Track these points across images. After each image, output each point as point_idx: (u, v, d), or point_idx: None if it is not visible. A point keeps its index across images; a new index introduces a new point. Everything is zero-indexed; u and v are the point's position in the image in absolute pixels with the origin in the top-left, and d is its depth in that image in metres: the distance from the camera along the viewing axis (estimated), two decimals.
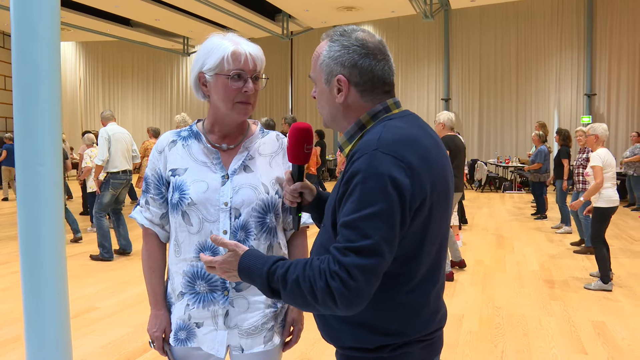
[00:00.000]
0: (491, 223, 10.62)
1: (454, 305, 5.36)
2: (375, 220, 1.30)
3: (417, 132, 1.46)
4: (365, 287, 1.30)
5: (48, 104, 1.36)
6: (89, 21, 19.40)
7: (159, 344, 1.92)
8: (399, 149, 1.36)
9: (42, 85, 1.35)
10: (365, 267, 1.29)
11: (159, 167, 1.89)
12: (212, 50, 1.77)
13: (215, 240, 1.55)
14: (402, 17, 19.99)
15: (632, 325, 4.84)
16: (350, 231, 1.32)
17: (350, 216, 1.33)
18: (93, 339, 4.52)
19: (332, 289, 1.30)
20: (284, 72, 23.23)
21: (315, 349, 4.26)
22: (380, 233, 1.30)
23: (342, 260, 1.30)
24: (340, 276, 1.29)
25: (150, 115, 25.40)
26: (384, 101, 1.53)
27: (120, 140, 7.61)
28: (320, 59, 1.54)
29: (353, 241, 1.31)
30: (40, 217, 1.38)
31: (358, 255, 1.29)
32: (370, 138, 1.41)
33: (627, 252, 7.93)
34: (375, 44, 1.51)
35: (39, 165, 1.37)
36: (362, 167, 1.34)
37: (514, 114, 18.85)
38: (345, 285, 1.29)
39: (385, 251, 1.31)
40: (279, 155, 1.94)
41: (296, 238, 2.03)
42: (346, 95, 1.50)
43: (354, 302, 1.30)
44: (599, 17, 17.46)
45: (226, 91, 1.77)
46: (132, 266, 7.09)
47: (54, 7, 1.37)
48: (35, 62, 1.34)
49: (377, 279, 1.33)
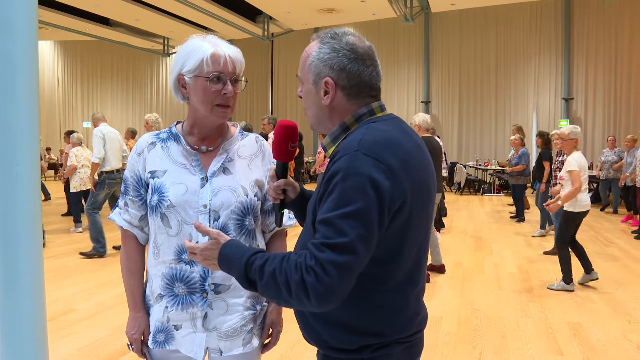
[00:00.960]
0: (470, 225, 10.70)
1: (433, 307, 5.39)
2: (352, 218, 1.31)
3: (399, 135, 1.47)
4: (339, 284, 1.30)
5: (25, 103, 1.35)
6: (68, 20, 19.20)
7: (137, 346, 1.91)
8: (379, 151, 1.37)
9: (19, 84, 1.34)
10: (340, 264, 1.30)
11: (138, 168, 1.88)
12: (191, 52, 1.77)
13: (199, 228, 1.55)
14: (382, 20, 20.09)
15: (607, 327, 4.91)
16: (327, 228, 1.33)
17: (328, 214, 1.34)
18: (71, 341, 4.47)
19: (307, 284, 1.30)
20: (265, 73, 23.21)
21: (294, 350, 4.25)
22: (356, 231, 1.31)
23: (318, 255, 1.31)
24: (315, 271, 1.30)
25: (130, 115, 25.21)
26: (369, 104, 1.54)
27: (114, 139, 7.74)
28: (309, 60, 1.54)
29: (329, 238, 1.32)
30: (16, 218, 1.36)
31: (333, 252, 1.30)
32: (352, 139, 1.42)
33: (602, 255, 8.04)
34: (365, 49, 1.52)
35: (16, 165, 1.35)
36: (343, 167, 1.36)
37: (493, 117, 19.04)
38: (319, 280, 1.29)
39: (360, 250, 1.32)
40: (258, 157, 1.94)
41: (275, 240, 2.04)
42: (332, 98, 1.51)
43: (326, 298, 1.30)
44: (576, 22, 17.71)
45: (205, 93, 1.77)
46: (110, 268, 7.03)
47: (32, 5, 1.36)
48: (12, 60, 1.33)
49: (351, 276, 1.33)
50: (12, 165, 1.34)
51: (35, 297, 1.44)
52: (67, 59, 25.89)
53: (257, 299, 1.93)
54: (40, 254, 1.43)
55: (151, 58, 24.83)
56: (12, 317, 1.41)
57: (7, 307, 1.41)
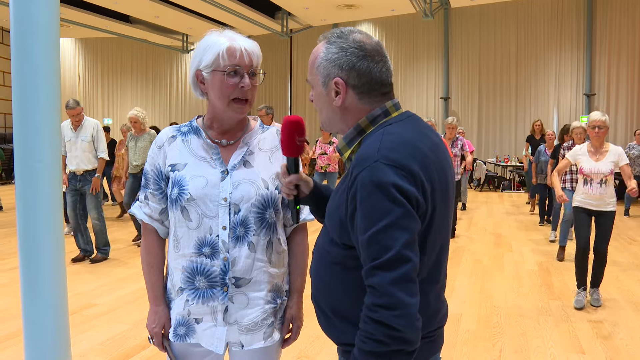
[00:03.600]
0: (489, 222, 10.63)
1: (452, 304, 5.36)
2: (391, 230, 1.30)
3: (416, 136, 1.45)
4: (407, 297, 1.28)
5: (47, 100, 1.36)
6: (89, 18, 19.35)
7: (158, 339, 1.92)
8: (399, 158, 1.36)
9: (41, 82, 1.35)
10: (396, 279, 1.28)
11: (158, 162, 1.89)
12: (208, 47, 1.78)
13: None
14: (401, 16, 19.96)
15: (630, 325, 4.85)
16: (370, 248, 1.31)
17: (365, 234, 1.32)
18: (91, 335, 4.51)
19: (383, 321, 1.27)
20: (283, 70, 23.19)
21: (314, 346, 4.26)
22: (400, 241, 1.30)
23: (372, 283, 1.30)
24: (379, 304, 1.28)
25: (149, 111, 25.33)
26: (383, 104, 1.52)
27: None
28: (317, 62, 1.53)
29: (376, 258, 1.30)
30: (38, 214, 1.37)
31: (385, 270, 1.29)
32: (371, 148, 1.40)
33: (625, 253, 7.93)
34: (373, 46, 1.50)
35: (38, 162, 1.36)
36: (367, 181, 1.34)
37: (513, 114, 18.84)
38: (389, 307, 1.27)
39: (410, 255, 1.30)
40: (279, 150, 1.93)
41: (296, 234, 2.03)
42: (344, 98, 1.50)
43: (408, 316, 1.28)
44: (598, 16, 17.45)
45: (222, 87, 1.77)
46: (130, 262, 7.09)
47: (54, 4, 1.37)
48: (34, 58, 1.34)
49: (414, 283, 1.31)
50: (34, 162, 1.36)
51: (57, 291, 1.45)
52: (88, 56, 26.11)
53: (277, 293, 1.93)
54: (62, 248, 1.44)
55: (170, 55, 24.94)
56: (34, 311, 1.43)
57: (29, 301, 1.43)
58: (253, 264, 1.84)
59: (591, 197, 5.29)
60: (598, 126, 5.21)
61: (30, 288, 1.42)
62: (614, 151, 5.29)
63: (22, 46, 1.33)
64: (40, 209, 1.38)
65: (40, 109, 1.35)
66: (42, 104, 1.35)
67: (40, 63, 1.34)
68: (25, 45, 1.33)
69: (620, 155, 5.26)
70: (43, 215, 1.38)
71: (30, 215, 1.38)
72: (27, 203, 1.37)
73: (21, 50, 1.33)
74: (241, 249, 1.82)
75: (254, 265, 1.85)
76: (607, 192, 5.24)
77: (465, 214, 11.71)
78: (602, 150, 5.31)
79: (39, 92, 1.35)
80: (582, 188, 5.36)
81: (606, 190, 5.24)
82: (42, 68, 1.35)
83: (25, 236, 1.39)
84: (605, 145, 5.36)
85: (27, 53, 1.33)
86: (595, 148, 5.32)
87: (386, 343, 1.27)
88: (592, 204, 5.32)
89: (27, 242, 1.39)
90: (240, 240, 1.82)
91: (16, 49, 1.34)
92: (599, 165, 5.24)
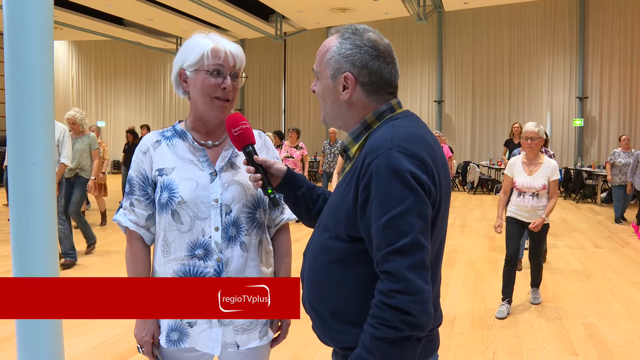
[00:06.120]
0: (483, 225, 10.64)
1: (446, 307, 5.37)
2: (407, 215, 1.31)
3: (422, 131, 1.48)
4: (422, 283, 1.30)
5: (40, 102, 1.35)
6: (82, 20, 19.32)
7: (148, 348, 1.90)
8: (411, 147, 1.38)
9: (35, 84, 1.34)
10: (413, 265, 1.29)
11: (144, 167, 1.88)
12: (193, 47, 1.81)
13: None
14: (395, 19, 20.01)
15: (623, 327, 4.87)
16: (386, 233, 1.32)
17: (382, 219, 1.33)
18: (85, 339, 4.49)
19: (401, 307, 1.28)
20: (277, 72, 23.20)
21: (307, 349, 4.25)
22: (416, 227, 1.31)
23: (388, 268, 1.30)
24: (395, 289, 1.29)
25: (143, 114, 25.31)
26: (389, 101, 1.55)
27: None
28: (328, 54, 1.54)
29: (392, 243, 1.31)
30: (32, 217, 1.37)
31: (401, 256, 1.29)
32: (382, 138, 1.41)
33: (618, 254, 7.97)
34: (385, 47, 1.55)
35: (31, 165, 1.35)
36: (382, 168, 1.35)
37: (507, 116, 18.88)
38: (406, 292, 1.28)
39: (425, 242, 1.32)
40: (262, 152, 1.94)
41: (280, 234, 2.06)
42: (351, 94, 1.52)
43: (424, 302, 1.29)
44: (591, 19, 17.53)
45: (204, 86, 1.79)
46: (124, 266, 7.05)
47: (47, 6, 1.36)
48: (27, 61, 1.33)
49: (428, 270, 1.33)
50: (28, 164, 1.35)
51: None
52: (81, 58, 26.05)
53: None
54: (55, 252, 1.44)
55: (164, 57, 24.90)
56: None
57: None
58: (246, 263, 1.86)
59: (523, 209, 5.25)
60: (531, 137, 5.14)
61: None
62: (548, 165, 5.20)
63: (16, 49, 1.33)
64: (34, 212, 1.37)
65: (33, 111, 1.35)
66: (35, 106, 1.35)
67: (34, 65, 1.34)
68: (19, 47, 1.33)
69: (553, 169, 5.19)
70: (36, 219, 1.38)
71: (23, 218, 1.37)
72: (20, 206, 1.37)
73: (14, 52, 1.33)
74: (234, 249, 1.84)
75: (247, 264, 1.86)
76: (539, 204, 5.21)
77: (459, 217, 11.73)
78: (536, 162, 5.24)
79: (33, 94, 1.34)
80: (515, 199, 5.32)
81: (538, 203, 5.20)
82: (35, 70, 1.34)
83: (19, 239, 1.38)
84: (539, 157, 5.29)
85: (20, 56, 1.33)
86: (529, 159, 5.24)
87: (400, 329, 1.28)
88: (524, 215, 5.27)
89: (20, 246, 1.38)
90: (232, 241, 1.84)
91: (9, 52, 1.33)
92: (531, 180, 5.18)
